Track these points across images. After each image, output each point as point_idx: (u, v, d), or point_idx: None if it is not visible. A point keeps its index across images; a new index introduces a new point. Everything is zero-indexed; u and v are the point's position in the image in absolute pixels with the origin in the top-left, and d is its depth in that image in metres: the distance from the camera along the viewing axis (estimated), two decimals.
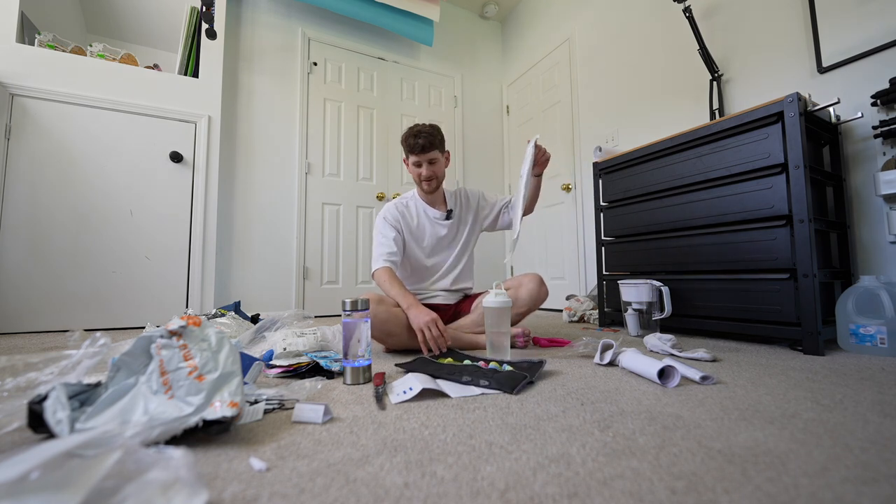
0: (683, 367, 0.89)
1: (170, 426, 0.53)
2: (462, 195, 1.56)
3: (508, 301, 1.14)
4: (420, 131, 1.37)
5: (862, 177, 1.44)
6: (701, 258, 1.53)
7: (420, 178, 1.41)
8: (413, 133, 1.38)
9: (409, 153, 1.40)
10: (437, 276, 1.49)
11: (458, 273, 1.51)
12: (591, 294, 2.30)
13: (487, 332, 1.15)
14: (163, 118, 2.20)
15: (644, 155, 1.75)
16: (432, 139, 1.37)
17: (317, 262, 2.71)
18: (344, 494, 0.43)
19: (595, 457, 0.51)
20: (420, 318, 1.17)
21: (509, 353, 1.15)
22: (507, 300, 1.13)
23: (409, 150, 1.39)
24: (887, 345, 1.14)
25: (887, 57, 1.38)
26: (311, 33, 2.82)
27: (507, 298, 1.13)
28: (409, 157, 1.42)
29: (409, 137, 1.38)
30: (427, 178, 1.40)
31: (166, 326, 0.63)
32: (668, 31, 2.16)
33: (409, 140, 1.38)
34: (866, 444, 0.54)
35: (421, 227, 1.47)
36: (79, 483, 0.34)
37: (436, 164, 1.41)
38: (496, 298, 1.12)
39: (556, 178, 2.93)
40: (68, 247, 1.97)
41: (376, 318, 1.20)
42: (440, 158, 1.42)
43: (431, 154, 1.38)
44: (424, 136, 1.36)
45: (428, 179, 1.40)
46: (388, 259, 1.35)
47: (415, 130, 1.38)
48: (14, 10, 1.94)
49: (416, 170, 1.41)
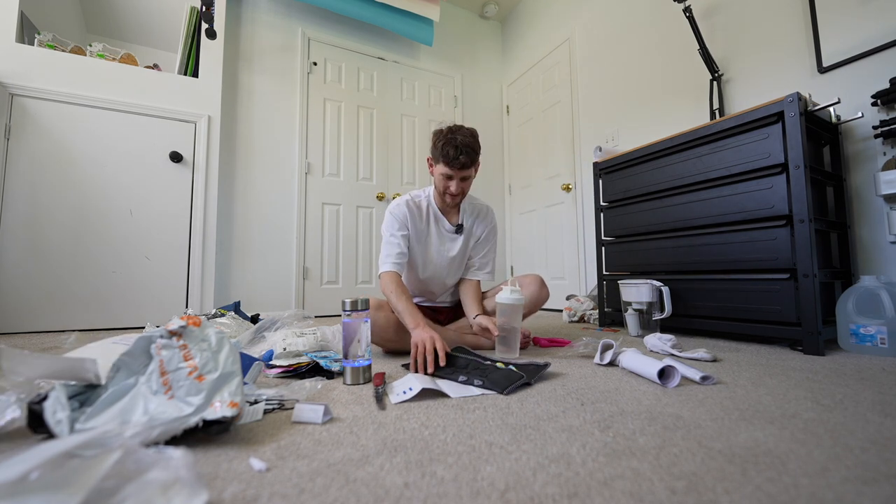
0: (683, 368, 0.89)
1: (170, 426, 0.53)
2: (481, 213, 1.42)
3: (521, 298, 1.14)
4: (465, 145, 1.19)
5: (862, 177, 1.44)
6: (701, 258, 1.53)
7: (447, 190, 1.26)
8: (455, 144, 1.18)
9: (444, 163, 1.21)
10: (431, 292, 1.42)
11: (453, 289, 1.45)
12: (592, 294, 2.30)
13: (499, 328, 1.16)
14: (163, 118, 2.20)
15: (644, 155, 1.75)
16: (474, 156, 1.22)
17: (317, 262, 2.71)
18: (344, 494, 0.43)
19: (595, 457, 0.51)
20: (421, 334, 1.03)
21: (518, 350, 1.15)
22: (520, 297, 1.14)
23: (445, 161, 1.20)
24: (888, 345, 1.14)
25: (887, 57, 1.38)
26: (311, 33, 2.82)
27: (520, 296, 1.14)
28: (438, 165, 1.24)
29: (449, 147, 1.19)
30: (455, 194, 1.26)
31: (166, 326, 0.63)
32: (669, 31, 2.15)
33: (447, 151, 1.19)
34: (867, 444, 0.54)
35: (427, 234, 1.35)
36: (78, 483, 0.34)
37: (466, 181, 1.26)
38: (511, 295, 1.13)
39: (556, 178, 2.93)
40: (68, 247, 1.97)
41: (375, 325, 1.18)
42: (473, 175, 1.28)
43: (468, 172, 1.24)
44: (467, 152, 1.19)
45: (455, 195, 1.26)
46: (397, 262, 1.24)
47: (458, 141, 1.19)
48: (14, 10, 1.94)
49: (444, 181, 1.25)
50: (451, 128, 1.23)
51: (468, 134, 1.22)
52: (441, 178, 1.26)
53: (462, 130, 1.22)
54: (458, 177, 1.24)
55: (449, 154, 1.19)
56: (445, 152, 1.20)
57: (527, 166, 3.26)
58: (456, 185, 1.25)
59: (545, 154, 3.05)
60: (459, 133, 1.20)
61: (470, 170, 1.24)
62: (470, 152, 1.20)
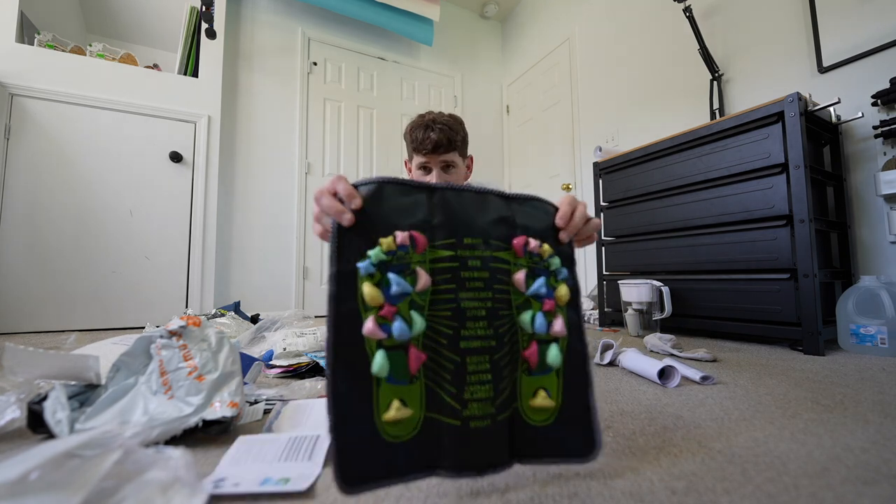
0: (684, 367, 0.89)
1: (169, 426, 0.53)
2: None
3: None
4: (434, 121, 0.97)
5: (862, 177, 1.44)
6: (701, 258, 1.52)
7: None
8: (423, 123, 0.97)
9: (413, 151, 1.00)
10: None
11: None
12: (592, 294, 2.30)
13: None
14: (162, 118, 2.20)
15: (644, 155, 1.75)
16: (452, 134, 0.97)
17: (317, 262, 2.71)
18: (343, 495, 0.43)
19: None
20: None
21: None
22: None
23: (415, 146, 0.98)
24: (888, 345, 1.14)
25: (888, 56, 1.38)
26: (311, 33, 2.82)
27: None
28: (412, 158, 1.02)
29: (417, 129, 0.98)
30: None
31: (166, 327, 0.63)
32: (669, 31, 2.15)
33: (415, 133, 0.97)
34: (867, 445, 0.54)
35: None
36: (78, 483, 0.34)
37: (452, 172, 1.01)
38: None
39: (556, 178, 2.93)
40: (68, 247, 1.97)
41: None
42: (459, 164, 1.02)
43: (448, 156, 0.98)
44: (441, 128, 0.96)
45: None
46: None
47: (427, 119, 0.98)
48: (13, 10, 1.94)
49: (422, 176, 1.00)
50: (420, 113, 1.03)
51: (443, 114, 1.00)
52: (417, 173, 1.02)
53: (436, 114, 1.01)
54: (436, 164, 0.98)
55: (418, 137, 0.97)
56: (414, 136, 0.98)
57: (527, 166, 3.26)
58: (438, 177, 0.99)
59: (545, 154, 3.05)
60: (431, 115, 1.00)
61: (450, 153, 0.99)
62: (446, 130, 0.97)
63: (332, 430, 0.36)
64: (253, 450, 0.50)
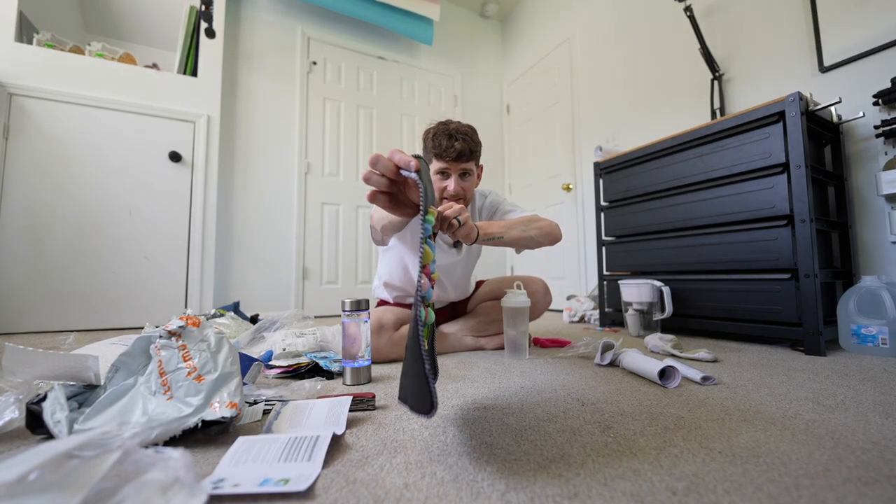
0: (684, 368, 0.89)
1: (169, 427, 0.53)
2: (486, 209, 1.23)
3: (527, 301, 1.13)
4: (458, 130, 1.05)
5: (863, 176, 1.44)
6: (702, 258, 1.52)
7: (443, 192, 1.06)
8: (448, 132, 1.04)
9: (436, 156, 1.05)
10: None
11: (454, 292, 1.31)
12: (592, 294, 2.30)
13: (506, 331, 1.15)
14: (162, 117, 2.20)
15: (645, 155, 1.75)
16: (473, 145, 1.06)
17: (316, 262, 2.71)
18: (343, 495, 0.42)
19: (595, 457, 0.51)
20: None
21: (528, 351, 1.15)
22: (526, 300, 1.13)
23: (438, 152, 1.04)
24: (889, 345, 1.14)
25: (889, 56, 1.38)
26: (311, 32, 2.82)
27: (526, 298, 1.13)
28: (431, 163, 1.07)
29: (441, 137, 1.04)
30: (454, 196, 1.06)
31: (165, 327, 0.63)
32: (669, 31, 2.15)
33: (439, 140, 1.03)
34: (868, 445, 0.53)
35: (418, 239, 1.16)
36: (77, 484, 0.33)
37: (467, 180, 1.09)
38: (516, 298, 1.13)
39: (556, 178, 2.93)
40: (67, 247, 1.97)
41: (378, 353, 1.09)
42: (474, 172, 1.10)
43: (467, 165, 1.06)
44: (463, 138, 1.04)
45: (455, 197, 1.06)
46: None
47: (450, 128, 1.05)
48: (13, 9, 1.94)
49: (440, 182, 1.06)
50: (441, 121, 1.09)
51: (463, 125, 1.08)
52: (436, 178, 1.08)
53: (456, 123, 1.08)
54: (455, 171, 1.06)
55: (441, 144, 1.03)
56: (437, 143, 1.04)
57: (527, 166, 3.26)
58: (454, 184, 1.06)
59: (545, 153, 3.05)
60: (453, 125, 1.07)
61: (469, 163, 1.07)
62: (468, 140, 1.05)
63: (432, 376, 0.43)
64: (252, 450, 0.50)
